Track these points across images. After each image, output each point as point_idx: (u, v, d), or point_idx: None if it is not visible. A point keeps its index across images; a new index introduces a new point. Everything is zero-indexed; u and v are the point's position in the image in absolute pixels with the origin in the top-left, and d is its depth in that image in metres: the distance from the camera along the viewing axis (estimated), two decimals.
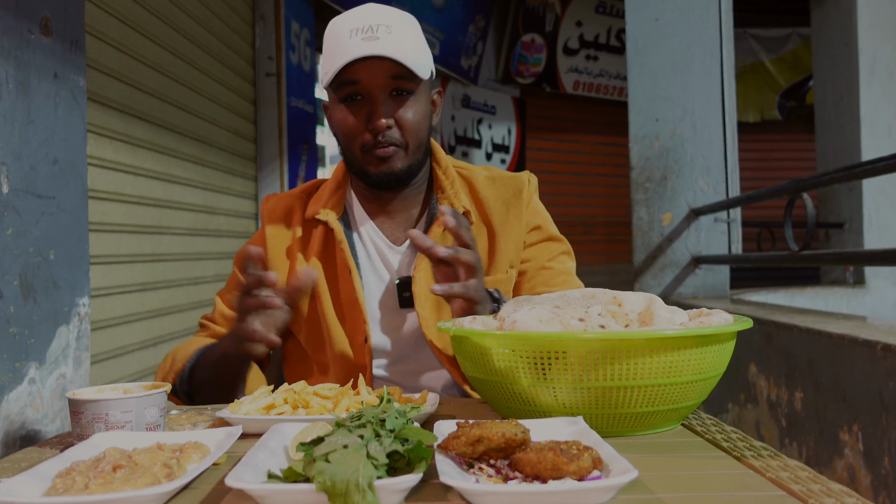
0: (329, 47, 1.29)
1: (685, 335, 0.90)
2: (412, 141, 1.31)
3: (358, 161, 1.33)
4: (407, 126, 1.29)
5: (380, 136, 1.28)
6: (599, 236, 7.85)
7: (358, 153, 1.32)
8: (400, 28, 1.27)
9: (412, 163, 1.33)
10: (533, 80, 7.57)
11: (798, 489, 0.73)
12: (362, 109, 1.29)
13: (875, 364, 1.71)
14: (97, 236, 2.57)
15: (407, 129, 1.29)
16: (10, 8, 1.14)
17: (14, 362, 1.14)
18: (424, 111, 1.32)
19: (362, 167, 1.33)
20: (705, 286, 3.71)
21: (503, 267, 1.38)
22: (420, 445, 0.75)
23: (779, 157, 8.33)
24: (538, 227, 1.44)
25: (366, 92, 1.27)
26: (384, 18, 1.26)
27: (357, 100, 1.29)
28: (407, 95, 1.29)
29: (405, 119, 1.29)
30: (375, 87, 1.26)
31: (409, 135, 1.30)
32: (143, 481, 0.73)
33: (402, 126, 1.29)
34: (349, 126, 1.30)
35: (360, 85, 1.27)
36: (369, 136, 1.29)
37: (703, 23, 3.74)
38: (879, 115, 4.37)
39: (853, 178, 2.43)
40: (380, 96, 1.27)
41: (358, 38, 1.24)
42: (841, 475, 1.87)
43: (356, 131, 1.30)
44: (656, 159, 3.74)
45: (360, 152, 1.31)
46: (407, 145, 1.31)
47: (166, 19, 3.22)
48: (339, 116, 1.31)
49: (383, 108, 1.27)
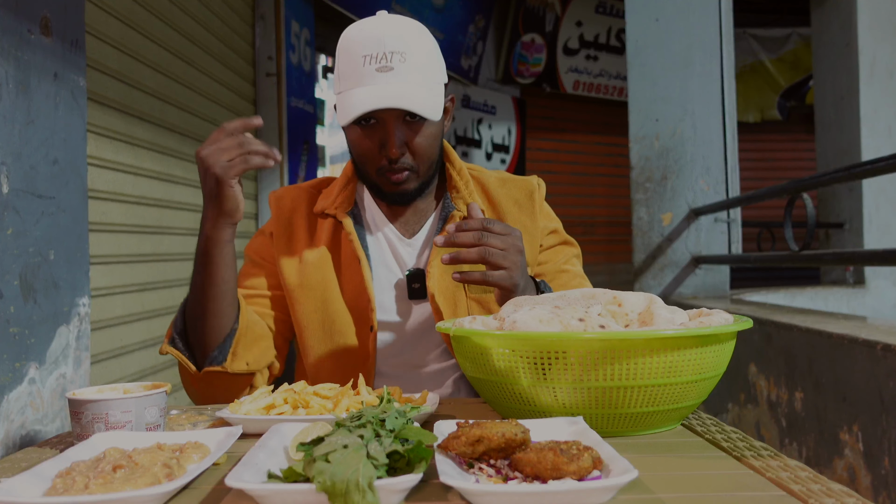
0: (343, 69, 1.29)
1: (685, 335, 0.90)
2: (423, 165, 1.34)
3: (372, 179, 1.36)
4: (419, 152, 1.31)
5: (393, 164, 1.30)
6: (599, 236, 7.85)
7: (373, 174, 1.34)
8: (414, 54, 1.27)
9: (424, 180, 1.36)
10: (533, 80, 7.57)
11: (798, 489, 0.73)
12: (376, 133, 1.30)
13: (875, 364, 1.71)
14: (97, 236, 2.57)
15: (419, 154, 1.32)
16: (10, 8, 1.14)
17: (14, 362, 1.14)
18: (437, 132, 1.34)
19: (376, 184, 1.36)
20: (705, 286, 3.71)
21: None
22: (420, 445, 0.75)
23: (779, 157, 8.33)
24: (554, 230, 1.47)
25: (379, 118, 1.29)
26: (398, 44, 1.26)
27: (371, 123, 1.30)
28: (420, 121, 1.30)
29: (418, 146, 1.31)
30: (389, 116, 1.28)
31: (421, 160, 1.33)
32: (143, 481, 0.73)
33: (414, 152, 1.31)
34: (363, 150, 1.32)
35: (373, 112, 1.28)
36: (384, 161, 1.31)
37: (703, 23, 3.74)
38: (879, 115, 4.37)
39: (853, 178, 2.43)
40: (393, 124, 1.28)
41: (372, 67, 1.25)
42: (841, 475, 1.87)
43: (370, 155, 1.32)
44: (656, 159, 3.74)
45: (374, 174, 1.34)
46: (419, 168, 1.33)
47: (166, 19, 3.22)
48: (353, 138, 1.34)
49: (397, 136, 1.28)
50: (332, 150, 12.32)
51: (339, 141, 11.30)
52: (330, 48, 5.89)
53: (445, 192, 1.43)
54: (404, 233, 1.42)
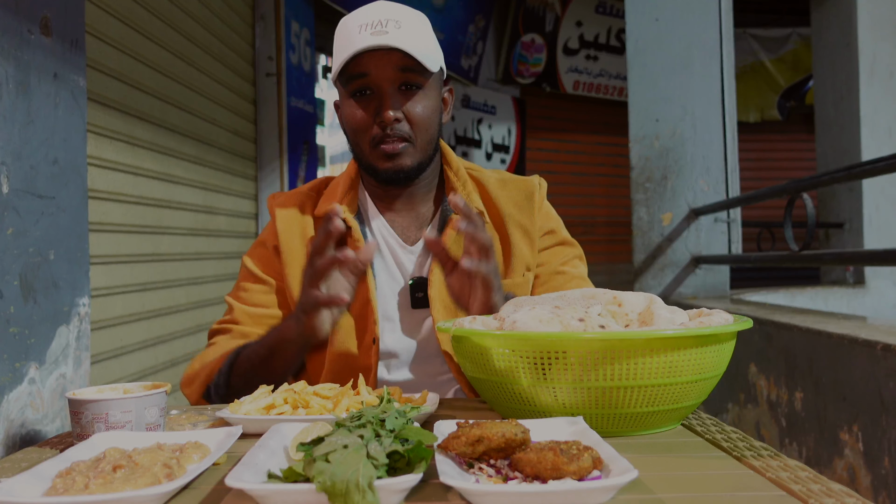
0: (339, 43, 1.29)
1: (685, 335, 0.90)
2: (421, 135, 1.30)
3: (366, 156, 1.32)
4: (416, 120, 1.28)
5: (388, 130, 1.27)
6: (599, 236, 7.85)
7: (367, 148, 1.31)
8: (409, 23, 1.27)
9: (422, 159, 1.32)
10: (533, 80, 7.58)
11: (798, 489, 0.73)
12: (371, 103, 1.29)
13: (875, 364, 1.71)
14: (97, 236, 2.57)
15: (416, 122, 1.29)
16: (10, 8, 1.14)
17: (14, 362, 1.14)
18: (434, 106, 1.32)
19: (371, 163, 1.32)
20: (705, 286, 3.71)
21: (519, 270, 1.38)
22: (420, 445, 0.75)
23: (779, 157, 8.33)
24: (551, 231, 1.44)
25: (375, 86, 1.27)
26: (394, 14, 1.27)
27: (366, 94, 1.29)
28: (416, 90, 1.29)
29: (414, 112, 1.28)
30: (384, 80, 1.26)
31: (417, 129, 1.29)
32: (143, 481, 0.73)
33: (410, 120, 1.28)
34: (358, 120, 1.30)
35: (368, 78, 1.26)
36: (378, 130, 1.28)
37: (703, 23, 3.74)
38: (879, 115, 4.37)
39: (853, 178, 2.44)
40: (388, 89, 1.27)
41: (367, 32, 1.25)
42: (841, 475, 1.87)
43: (365, 125, 1.29)
44: (656, 159, 3.74)
45: (368, 147, 1.30)
46: (416, 140, 1.30)
47: (166, 19, 3.22)
48: (348, 111, 1.31)
49: (392, 101, 1.26)
50: (332, 149, 12.32)
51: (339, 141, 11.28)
52: (330, 48, 5.88)
53: (444, 197, 1.41)
54: (405, 240, 1.39)
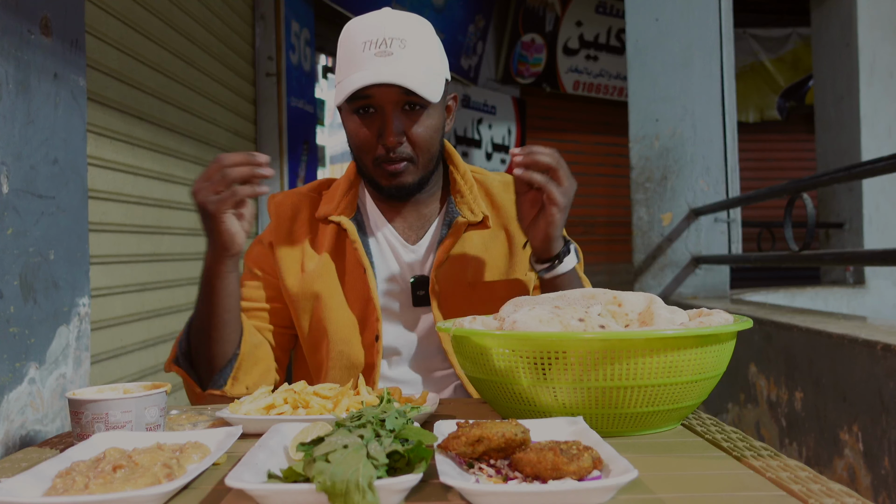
0: (343, 57, 1.28)
1: (685, 335, 0.90)
2: (423, 155, 1.31)
3: (369, 172, 1.33)
4: (418, 142, 1.29)
5: (391, 153, 1.28)
6: (599, 236, 7.84)
7: (370, 165, 1.32)
8: (414, 41, 1.26)
9: (423, 175, 1.33)
10: (533, 80, 7.57)
11: (798, 489, 0.73)
12: (374, 122, 1.28)
13: (875, 364, 1.71)
14: (97, 236, 2.57)
15: (418, 144, 1.29)
16: (10, 8, 1.14)
17: (14, 362, 1.14)
18: (437, 124, 1.32)
19: (374, 179, 1.33)
20: (705, 286, 3.71)
21: (522, 270, 1.38)
22: (420, 445, 0.75)
23: (779, 157, 8.33)
24: None
25: (378, 106, 1.27)
26: (398, 31, 1.25)
27: (369, 112, 1.28)
28: (420, 110, 1.28)
29: (416, 135, 1.28)
30: (387, 103, 1.26)
31: (419, 149, 1.30)
32: (143, 481, 0.73)
33: (413, 142, 1.29)
34: (361, 139, 1.30)
35: (372, 99, 1.26)
36: (381, 150, 1.29)
37: (703, 23, 3.74)
38: (879, 115, 4.37)
39: (853, 178, 2.43)
40: (392, 111, 1.26)
41: (371, 52, 1.24)
42: (841, 475, 1.87)
43: (368, 145, 1.30)
44: (656, 159, 3.73)
45: (371, 164, 1.31)
46: (418, 159, 1.30)
47: (166, 19, 3.21)
48: (350, 127, 1.31)
49: (395, 123, 1.26)
50: (332, 150, 12.30)
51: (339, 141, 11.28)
52: (330, 48, 5.89)
53: (449, 197, 1.41)
54: (407, 238, 1.39)
